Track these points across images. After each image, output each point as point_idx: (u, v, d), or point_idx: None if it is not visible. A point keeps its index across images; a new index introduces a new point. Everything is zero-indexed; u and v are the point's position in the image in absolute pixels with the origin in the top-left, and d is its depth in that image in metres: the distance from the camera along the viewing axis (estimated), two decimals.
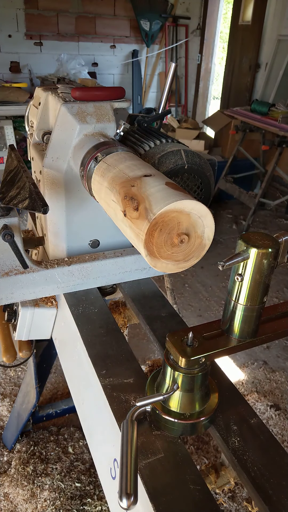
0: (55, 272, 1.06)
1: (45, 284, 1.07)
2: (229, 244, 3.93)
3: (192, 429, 0.77)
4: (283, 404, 2.29)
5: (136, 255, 1.13)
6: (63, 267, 1.06)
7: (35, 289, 1.06)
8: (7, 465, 1.90)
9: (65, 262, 1.08)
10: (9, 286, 1.03)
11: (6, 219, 0.94)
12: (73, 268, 1.08)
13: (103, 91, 1.05)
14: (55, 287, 1.08)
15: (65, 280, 1.09)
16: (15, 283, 1.03)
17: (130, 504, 0.56)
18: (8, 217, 0.95)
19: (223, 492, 1.79)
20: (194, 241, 0.71)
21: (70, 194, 1.06)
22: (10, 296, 1.05)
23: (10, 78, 5.24)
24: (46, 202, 0.83)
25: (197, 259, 0.75)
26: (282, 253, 0.70)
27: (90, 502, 1.75)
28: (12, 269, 1.02)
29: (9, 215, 0.95)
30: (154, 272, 1.18)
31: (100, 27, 5.61)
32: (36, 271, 1.04)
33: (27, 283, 1.05)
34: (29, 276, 1.04)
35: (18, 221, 0.97)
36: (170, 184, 0.71)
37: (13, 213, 0.95)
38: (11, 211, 0.95)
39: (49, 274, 1.06)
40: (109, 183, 0.81)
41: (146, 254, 0.68)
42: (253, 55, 5.03)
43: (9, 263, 1.01)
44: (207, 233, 0.72)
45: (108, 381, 0.88)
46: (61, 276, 1.07)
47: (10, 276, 1.02)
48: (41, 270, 1.04)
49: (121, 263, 1.12)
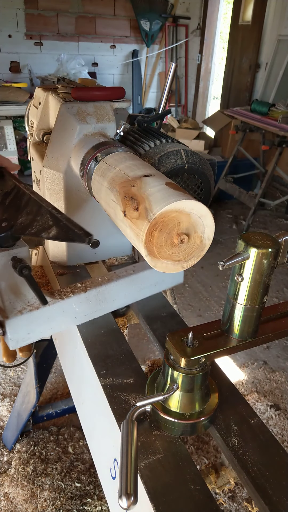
0: (71, 301, 0.96)
1: (63, 316, 0.96)
2: (229, 244, 3.93)
3: (192, 429, 0.77)
4: (283, 404, 2.29)
5: (148, 270, 1.06)
6: (79, 295, 0.97)
7: (52, 324, 0.95)
8: (7, 465, 1.90)
9: (80, 289, 0.98)
10: (24, 325, 0.90)
11: (15, 249, 0.82)
12: (90, 295, 0.98)
13: (103, 91, 1.05)
14: (74, 318, 0.99)
15: (83, 309, 0.99)
16: (30, 321, 0.90)
17: (130, 504, 0.56)
18: (17, 248, 0.82)
19: (223, 492, 1.79)
20: (194, 241, 0.71)
21: (70, 194, 1.06)
22: (27, 337, 0.92)
23: (10, 78, 5.24)
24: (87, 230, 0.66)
25: (197, 259, 0.75)
26: (282, 253, 0.70)
27: (90, 502, 1.75)
28: (25, 306, 0.89)
29: (16, 245, 0.83)
30: (166, 285, 1.12)
31: (100, 27, 5.61)
32: (51, 303, 0.93)
33: (43, 319, 0.92)
34: (44, 311, 0.91)
35: (28, 250, 0.85)
36: (170, 184, 0.71)
37: (21, 243, 0.84)
38: (18, 241, 0.84)
39: (65, 304, 0.95)
40: (109, 183, 0.81)
41: (146, 254, 0.68)
42: (253, 55, 5.03)
43: (21, 299, 0.89)
44: (207, 233, 0.72)
45: (108, 381, 0.88)
46: (78, 305, 0.98)
47: (24, 314, 0.89)
48: (57, 301, 0.94)
49: (136, 281, 1.05)
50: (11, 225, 0.78)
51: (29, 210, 0.78)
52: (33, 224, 0.75)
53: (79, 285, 0.99)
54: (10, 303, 0.88)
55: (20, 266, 0.78)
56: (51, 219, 0.73)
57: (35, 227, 0.74)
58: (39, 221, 0.74)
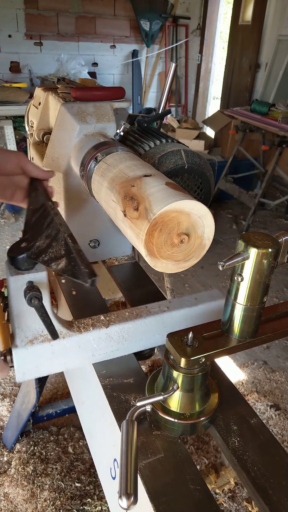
0: (90, 336, 0.87)
1: (78, 353, 0.87)
2: (229, 244, 3.93)
3: (192, 429, 0.77)
4: (283, 404, 2.29)
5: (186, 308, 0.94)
6: (100, 330, 0.87)
7: (65, 359, 0.86)
8: (7, 465, 1.90)
9: (101, 323, 0.89)
10: (33, 357, 0.82)
11: (32, 273, 0.75)
12: (112, 331, 0.88)
13: (103, 91, 1.05)
14: (90, 355, 0.89)
15: (102, 346, 0.89)
16: (41, 353, 0.83)
17: (130, 504, 0.56)
18: (33, 272, 0.75)
19: (223, 492, 1.79)
20: (194, 241, 0.71)
21: (70, 194, 1.06)
22: (35, 371, 0.84)
23: (10, 78, 5.24)
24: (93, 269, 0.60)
25: (197, 259, 0.75)
26: (282, 253, 0.70)
27: (90, 502, 1.75)
28: (37, 336, 0.81)
29: (35, 269, 0.76)
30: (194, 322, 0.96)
31: (100, 27, 5.61)
32: (67, 336, 0.84)
33: (56, 353, 0.84)
34: (59, 344, 0.83)
35: (46, 276, 0.77)
36: (170, 184, 0.71)
37: (40, 267, 0.76)
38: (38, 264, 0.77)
39: (83, 339, 0.86)
40: (109, 183, 0.80)
41: (146, 254, 0.68)
42: (253, 55, 5.03)
43: (33, 328, 0.81)
44: (207, 233, 0.72)
45: (108, 381, 0.88)
46: (97, 342, 0.88)
47: (35, 344, 0.81)
48: (74, 335, 0.85)
49: (168, 320, 0.93)
50: (29, 247, 0.72)
51: (49, 233, 0.72)
52: (48, 250, 0.69)
53: (102, 318, 0.90)
54: (21, 330, 0.80)
55: (30, 295, 0.71)
56: (64, 248, 0.67)
57: (48, 254, 0.68)
58: (53, 248, 0.69)
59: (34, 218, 0.79)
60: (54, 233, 0.71)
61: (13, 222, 4.08)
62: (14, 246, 0.74)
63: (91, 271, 0.60)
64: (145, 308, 0.93)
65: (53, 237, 0.71)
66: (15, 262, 0.74)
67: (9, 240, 3.78)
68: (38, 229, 0.75)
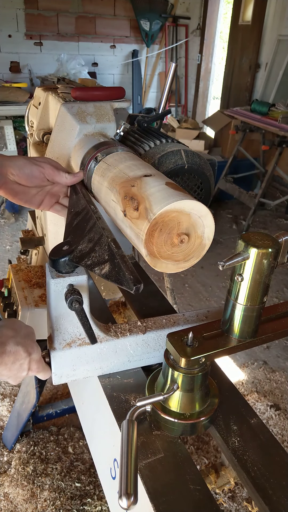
0: (126, 342, 0.86)
1: (114, 358, 0.87)
2: (229, 244, 3.93)
3: (192, 429, 0.77)
4: (283, 404, 2.29)
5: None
6: (137, 336, 0.87)
7: (102, 363, 0.86)
8: (7, 465, 1.90)
9: (138, 329, 0.89)
10: (70, 360, 0.83)
11: (72, 277, 0.75)
12: (148, 337, 0.88)
13: (103, 91, 1.05)
14: (126, 361, 0.88)
15: (139, 352, 0.88)
16: (78, 357, 0.83)
17: (130, 504, 0.56)
18: (74, 275, 0.75)
19: (223, 492, 1.79)
20: (194, 241, 0.71)
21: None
22: (72, 374, 0.84)
23: (10, 78, 5.24)
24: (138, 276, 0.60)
25: (197, 259, 0.74)
26: (282, 253, 0.70)
27: (90, 502, 1.75)
28: (75, 339, 0.82)
29: (75, 272, 0.76)
30: None
31: (100, 27, 5.61)
32: (104, 340, 0.84)
33: (92, 357, 0.84)
34: (95, 348, 0.84)
35: (86, 280, 0.76)
36: (170, 184, 0.71)
37: (81, 270, 0.77)
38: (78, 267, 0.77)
39: (119, 344, 0.86)
40: (109, 183, 0.80)
41: (146, 254, 0.68)
42: (253, 55, 5.03)
43: (71, 331, 0.81)
44: (207, 233, 0.71)
45: (108, 381, 0.88)
46: (134, 348, 0.87)
47: (72, 347, 0.82)
48: (110, 339, 0.85)
49: None
50: (71, 251, 0.72)
51: (91, 237, 0.72)
52: (91, 254, 0.69)
53: (139, 324, 0.90)
54: (60, 333, 0.81)
55: (71, 299, 0.71)
56: (107, 252, 0.67)
57: (91, 258, 0.68)
58: (96, 252, 0.69)
59: (76, 221, 0.78)
60: (97, 237, 0.71)
61: (13, 222, 4.08)
62: (56, 249, 0.74)
63: (136, 278, 0.60)
64: (182, 316, 0.94)
65: (96, 241, 0.70)
66: (57, 265, 0.73)
67: (9, 240, 3.78)
68: (80, 233, 0.74)
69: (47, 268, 0.76)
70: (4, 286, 1.31)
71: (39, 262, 1.33)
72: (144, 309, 1.09)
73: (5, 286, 1.31)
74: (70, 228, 0.78)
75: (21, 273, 1.28)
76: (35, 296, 1.18)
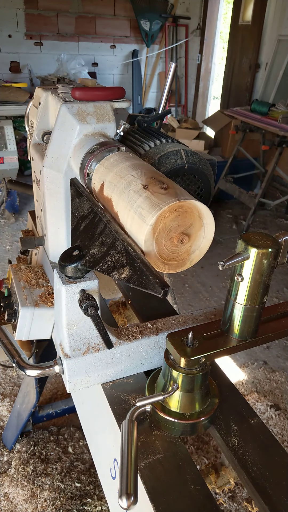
0: (139, 344, 0.86)
1: (128, 361, 0.86)
2: (229, 244, 3.93)
3: (192, 429, 0.77)
4: (283, 404, 2.29)
5: None
6: (149, 338, 0.87)
7: (115, 368, 0.85)
8: (7, 465, 1.90)
9: (149, 331, 0.88)
10: (85, 367, 0.82)
11: (84, 282, 0.74)
12: (161, 339, 0.87)
13: (103, 91, 1.05)
14: (139, 364, 0.88)
15: (151, 354, 0.88)
16: (92, 363, 0.82)
17: (130, 504, 0.56)
18: (86, 280, 0.74)
19: (223, 492, 1.79)
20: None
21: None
22: (86, 380, 0.83)
23: (10, 78, 5.25)
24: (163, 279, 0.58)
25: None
26: (282, 253, 0.70)
27: (90, 502, 1.75)
28: (88, 345, 0.82)
29: (86, 277, 0.75)
30: None
31: (100, 27, 5.61)
32: (117, 345, 0.84)
33: (106, 362, 0.84)
34: (109, 353, 0.83)
35: (98, 284, 0.76)
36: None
37: (91, 275, 0.76)
38: (89, 272, 0.75)
39: (132, 348, 0.86)
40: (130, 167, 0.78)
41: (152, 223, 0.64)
42: (253, 55, 5.03)
43: (83, 337, 0.80)
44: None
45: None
46: (146, 350, 0.87)
47: (87, 355, 0.81)
48: (123, 343, 0.84)
49: None
50: (82, 256, 0.71)
51: (103, 241, 0.69)
52: (106, 258, 0.67)
53: (149, 326, 0.89)
54: (73, 339, 0.80)
55: (86, 305, 0.70)
56: (125, 256, 0.64)
57: (107, 262, 0.66)
58: (112, 257, 0.66)
59: (82, 225, 0.75)
60: (110, 241, 0.68)
61: (13, 222, 4.08)
62: (65, 254, 0.72)
63: (162, 282, 0.57)
64: (191, 315, 0.93)
65: (109, 245, 0.68)
66: (67, 271, 0.72)
67: (9, 240, 3.78)
68: (90, 237, 0.72)
69: (56, 274, 0.74)
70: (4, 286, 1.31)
71: (39, 262, 1.33)
72: (144, 309, 1.09)
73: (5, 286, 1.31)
74: (77, 233, 0.76)
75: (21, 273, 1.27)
76: (35, 296, 1.17)
